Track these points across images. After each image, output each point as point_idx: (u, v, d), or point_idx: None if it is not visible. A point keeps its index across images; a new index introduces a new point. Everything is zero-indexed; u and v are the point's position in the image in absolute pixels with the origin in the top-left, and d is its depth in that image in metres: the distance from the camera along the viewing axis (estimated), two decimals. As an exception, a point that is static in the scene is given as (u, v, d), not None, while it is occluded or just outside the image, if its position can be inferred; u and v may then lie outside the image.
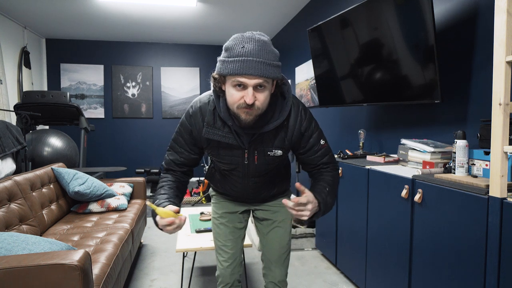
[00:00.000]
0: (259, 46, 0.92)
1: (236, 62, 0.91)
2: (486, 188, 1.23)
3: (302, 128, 1.13)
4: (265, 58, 0.92)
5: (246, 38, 0.93)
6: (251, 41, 0.92)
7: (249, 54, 0.90)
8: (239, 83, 0.94)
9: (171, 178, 1.19)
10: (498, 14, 1.10)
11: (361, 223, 2.02)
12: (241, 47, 0.91)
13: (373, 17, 2.10)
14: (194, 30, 4.89)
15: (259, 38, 0.93)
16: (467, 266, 1.25)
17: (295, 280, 2.31)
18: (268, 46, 0.94)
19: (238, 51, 0.91)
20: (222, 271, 1.42)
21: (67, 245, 1.51)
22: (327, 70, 2.72)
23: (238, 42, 0.92)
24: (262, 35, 0.95)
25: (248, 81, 0.93)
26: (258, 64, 0.90)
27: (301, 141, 1.15)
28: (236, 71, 0.91)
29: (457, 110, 1.83)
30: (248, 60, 0.90)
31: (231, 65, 0.91)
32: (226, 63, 0.93)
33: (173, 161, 1.20)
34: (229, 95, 0.99)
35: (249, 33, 0.95)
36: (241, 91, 0.96)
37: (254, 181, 1.23)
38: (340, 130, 3.25)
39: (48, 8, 3.96)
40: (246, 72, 0.90)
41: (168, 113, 5.69)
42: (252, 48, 0.91)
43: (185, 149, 1.18)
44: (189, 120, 1.13)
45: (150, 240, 3.16)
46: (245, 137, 1.09)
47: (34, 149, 3.31)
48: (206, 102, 1.12)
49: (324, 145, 1.17)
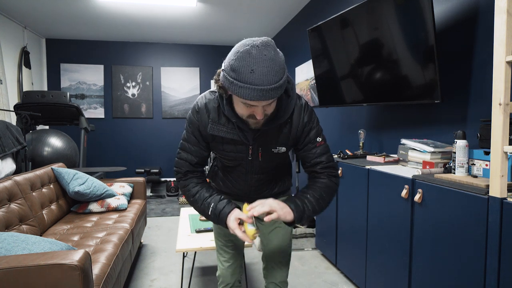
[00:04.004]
0: (267, 68, 0.88)
1: (245, 89, 0.89)
2: (486, 188, 1.23)
3: (304, 122, 1.13)
4: (273, 82, 0.89)
5: (253, 59, 0.88)
6: (259, 62, 0.88)
7: (258, 81, 0.88)
8: (248, 105, 0.96)
9: (197, 181, 1.19)
10: (498, 14, 1.10)
11: (361, 223, 2.02)
12: (249, 71, 0.87)
13: (373, 17, 2.10)
14: (194, 30, 4.89)
15: (266, 56, 0.88)
16: (467, 266, 1.25)
17: (295, 280, 2.31)
18: (275, 62, 0.90)
19: (248, 77, 0.88)
20: (223, 271, 1.42)
21: (67, 245, 1.51)
22: (327, 70, 2.72)
23: (246, 64, 0.88)
24: (266, 48, 0.89)
25: (258, 103, 0.94)
26: (268, 92, 0.89)
27: (301, 136, 1.15)
28: (246, 97, 0.90)
29: (457, 110, 1.83)
30: (258, 89, 0.88)
31: (240, 90, 0.90)
32: (235, 86, 0.90)
33: (189, 162, 1.18)
34: (238, 107, 1.01)
35: (254, 48, 0.88)
36: (250, 108, 0.97)
37: (257, 178, 1.23)
38: (340, 130, 3.25)
39: (48, 8, 3.96)
40: (256, 100, 0.90)
41: (168, 113, 5.69)
42: (261, 73, 0.87)
43: (199, 146, 1.17)
44: (196, 116, 1.13)
45: (150, 240, 3.16)
46: (250, 133, 1.10)
47: (34, 149, 3.31)
48: (212, 99, 1.12)
49: (321, 143, 1.16)
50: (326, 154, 1.17)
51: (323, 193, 1.14)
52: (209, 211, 1.13)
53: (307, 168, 1.21)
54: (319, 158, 1.16)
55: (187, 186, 1.18)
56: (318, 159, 1.16)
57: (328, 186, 1.15)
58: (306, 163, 1.20)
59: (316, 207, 1.12)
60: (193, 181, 1.19)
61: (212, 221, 1.15)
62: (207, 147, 1.19)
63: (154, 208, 4.42)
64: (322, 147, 1.16)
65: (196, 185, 1.18)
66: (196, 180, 1.19)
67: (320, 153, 1.16)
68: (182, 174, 1.20)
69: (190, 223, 2.39)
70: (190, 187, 1.18)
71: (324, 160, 1.16)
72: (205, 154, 1.20)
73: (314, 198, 1.12)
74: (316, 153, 1.15)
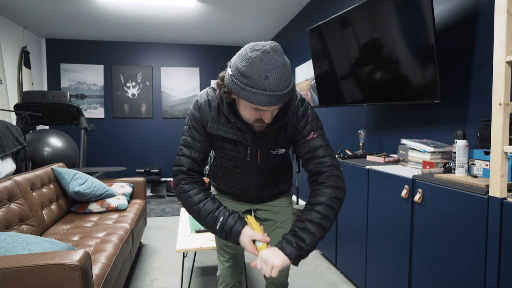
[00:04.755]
0: (280, 74, 0.89)
1: (259, 95, 0.89)
2: (486, 188, 1.23)
3: (297, 117, 1.10)
4: (286, 87, 0.91)
5: (266, 65, 0.88)
6: (273, 69, 0.88)
7: (272, 87, 0.88)
8: (258, 109, 0.96)
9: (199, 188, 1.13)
10: (498, 14, 1.10)
11: (361, 223, 2.02)
12: (264, 77, 0.87)
13: (373, 17, 2.10)
14: (194, 30, 4.89)
15: (277, 62, 0.89)
16: (467, 266, 1.25)
17: (295, 280, 2.31)
18: (285, 68, 0.91)
19: (262, 84, 0.88)
20: (224, 271, 1.42)
21: (67, 245, 1.51)
22: (327, 70, 2.72)
23: (259, 70, 0.88)
24: (276, 52, 0.89)
25: (269, 108, 0.95)
26: (280, 97, 0.90)
27: (296, 132, 1.11)
28: (259, 103, 0.90)
29: (457, 110, 1.83)
30: (272, 95, 0.89)
31: (253, 96, 0.89)
32: (247, 92, 0.90)
33: (192, 159, 1.13)
34: (245, 111, 1.00)
35: (265, 55, 0.88)
36: (259, 112, 0.97)
37: (257, 178, 1.23)
38: (340, 130, 3.26)
39: (48, 8, 3.96)
40: (270, 105, 0.91)
41: (168, 113, 5.69)
42: (275, 79, 0.88)
43: (203, 141, 1.14)
44: (198, 111, 1.12)
45: (150, 240, 3.16)
46: (249, 134, 1.09)
47: (34, 149, 3.31)
48: (213, 96, 1.11)
49: (314, 136, 1.10)
50: (325, 145, 1.10)
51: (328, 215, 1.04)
52: (217, 226, 1.07)
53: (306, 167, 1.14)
54: (318, 152, 1.09)
55: (188, 192, 1.12)
56: (319, 154, 1.08)
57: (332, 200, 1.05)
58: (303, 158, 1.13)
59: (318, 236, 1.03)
60: (195, 187, 1.12)
61: (218, 235, 1.10)
62: (211, 143, 1.16)
63: (154, 208, 4.42)
64: (314, 140, 1.09)
65: (199, 193, 1.11)
66: (198, 187, 1.13)
67: (319, 146, 1.09)
68: (183, 174, 1.13)
69: (190, 223, 2.39)
70: (191, 193, 1.11)
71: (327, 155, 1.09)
72: (209, 150, 1.17)
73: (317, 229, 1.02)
74: (315, 147, 1.09)
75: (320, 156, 1.09)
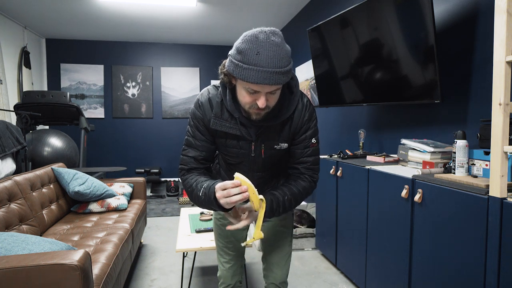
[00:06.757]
0: (273, 52, 0.90)
1: (250, 71, 0.90)
2: (486, 188, 1.23)
3: (303, 120, 1.13)
4: (279, 66, 0.90)
5: (260, 42, 0.90)
6: (265, 46, 0.89)
7: (264, 63, 0.89)
8: (252, 90, 0.96)
9: (197, 173, 1.15)
10: (498, 14, 1.10)
11: (361, 223, 2.02)
12: (255, 53, 0.89)
13: (373, 17, 2.10)
14: (194, 30, 4.89)
15: (273, 41, 0.90)
16: (467, 266, 1.25)
17: (295, 280, 2.31)
18: (282, 49, 0.92)
19: (253, 59, 0.89)
20: (224, 272, 1.41)
21: (67, 245, 1.51)
22: (327, 70, 2.72)
23: (252, 46, 0.90)
24: (274, 34, 0.92)
25: (262, 89, 0.94)
26: (273, 75, 0.90)
27: (298, 133, 1.15)
28: (250, 79, 0.90)
29: (457, 110, 1.83)
30: (263, 71, 0.89)
31: (245, 72, 0.90)
32: (240, 68, 0.91)
33: (195, 158, 1.15)
34: (241, 95, 1.01)
35: (262, 33, 0.90)
36: (253, 95, 0.97)
37: (259, 175, 1.23)
38: (340, 130, 3.25)
39: (48, 8, 3.96)
40: (261, 82, 0.90)
41: (168, 113, 5.68)
42: (267, 56, 0.89)
43: (205, 140, 1.15)
44: (199, 110, 1.12)
45: (150, 240, 3.16)
46: (252, 129, 1.10)
47: (34, 149, 3.31)
48: (215, 94, 1.12)
49: (315, 144, 1.17)
50: (314, 156, 1.18)
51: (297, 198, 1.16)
52: (201, 192, 1.05)
53: (292, 164, 1.21)
54: (307, 158, 1.16)
55: (187, 179, 1.14)
56: (306, 159, 1.16)
57: (306, 188, 1.17)
58: (293, 158, 1.19)
59: (288, 207, 1.14)
60: (194, 173, 1.15)
61: (205, 206, 1.07)
62: (213, 141, 1.17)
63: (154, 208, 4.42)
64: (314, 149, 1.17)
65: (195, 176, 1.13)
66: (197, 173, 1.15)
67: (310, 154, 1.16)
68: (186, 171, 1.16)
69: (190, 223, 2.39)
70: (189, 179, 1.13)
71: (311, 161, 1.17)
72: (213, 148, 1.18)
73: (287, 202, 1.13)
74: (307, 153, 1.16)
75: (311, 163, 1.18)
